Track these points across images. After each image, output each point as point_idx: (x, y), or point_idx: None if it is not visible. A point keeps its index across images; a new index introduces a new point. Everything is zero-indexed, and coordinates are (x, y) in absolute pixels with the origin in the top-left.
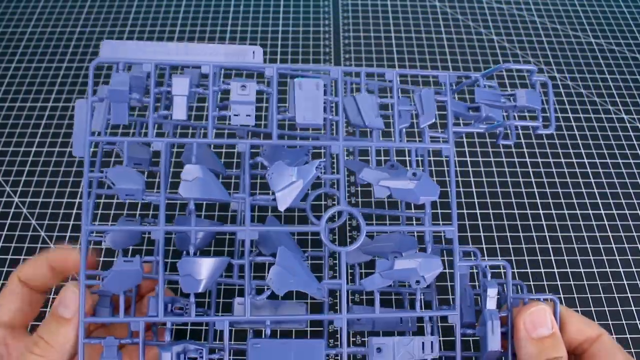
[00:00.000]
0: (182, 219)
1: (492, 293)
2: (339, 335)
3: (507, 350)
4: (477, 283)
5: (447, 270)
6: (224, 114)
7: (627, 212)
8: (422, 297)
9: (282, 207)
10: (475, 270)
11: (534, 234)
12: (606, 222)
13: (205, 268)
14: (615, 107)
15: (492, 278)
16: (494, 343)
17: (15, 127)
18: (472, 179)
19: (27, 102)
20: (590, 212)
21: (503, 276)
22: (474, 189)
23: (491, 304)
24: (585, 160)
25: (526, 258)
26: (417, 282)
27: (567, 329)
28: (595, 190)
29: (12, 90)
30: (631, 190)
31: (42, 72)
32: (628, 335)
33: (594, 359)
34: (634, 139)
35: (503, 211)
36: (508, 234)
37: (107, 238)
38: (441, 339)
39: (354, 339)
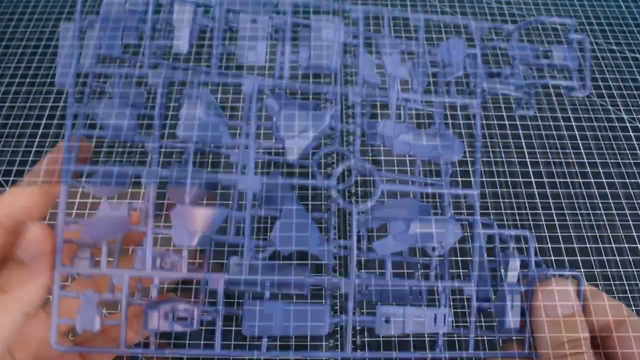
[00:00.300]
0: (178, 165)
1: (514, 266)
2: (338, 307)
3: (525, 328)
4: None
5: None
6: (231, 50)
7: (627, 212)
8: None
9: (291, 158)
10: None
11: (533, 234)
12: (606, 222)
13: (201, 219)
14: (615, 107)
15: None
16: (513, 320)
17: (15, 127)
18: (472, 178)
19: (27, 102)
20: (590, 212)
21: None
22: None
23: (512, 277)
24: (585, 160)
25: None
26: (433, 249)
27: (591, 309)
28: (595, 190)
29: (12, 91)
30: (631, 190)
31: (42, 72)
32: None
33: (620, 342)
34: (634, 139)
35: (503, 211)
36: None
37: (90, 183)
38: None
39: (353, 311)
